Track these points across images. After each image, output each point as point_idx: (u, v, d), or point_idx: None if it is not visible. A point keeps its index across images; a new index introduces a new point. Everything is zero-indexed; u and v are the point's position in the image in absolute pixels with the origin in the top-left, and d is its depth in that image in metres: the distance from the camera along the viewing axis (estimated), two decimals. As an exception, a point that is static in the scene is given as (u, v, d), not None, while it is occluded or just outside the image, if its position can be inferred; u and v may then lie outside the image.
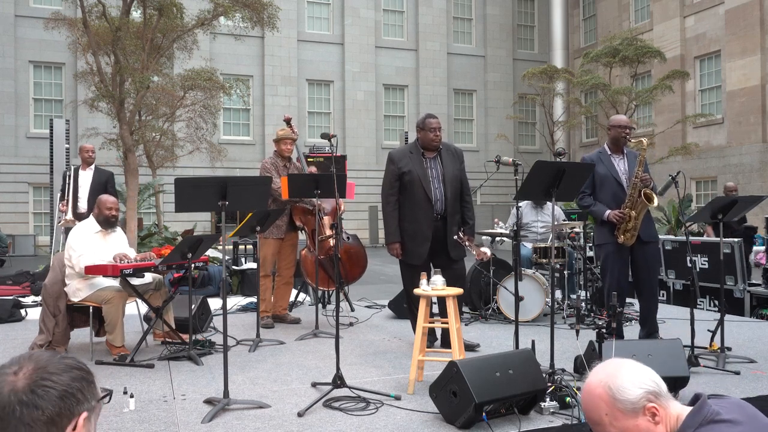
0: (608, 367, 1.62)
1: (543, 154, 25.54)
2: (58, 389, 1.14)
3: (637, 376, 1.56)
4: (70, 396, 1.15)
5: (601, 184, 5.01)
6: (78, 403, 1.17)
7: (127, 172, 11.55)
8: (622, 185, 4.96)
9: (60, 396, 1.14)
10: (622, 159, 5.07)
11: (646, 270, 5.01)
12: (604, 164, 5.02)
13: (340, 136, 18.16)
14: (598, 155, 5.11)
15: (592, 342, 4.08)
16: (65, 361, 1.19)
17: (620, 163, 5.06)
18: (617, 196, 4.95)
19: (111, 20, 11.00)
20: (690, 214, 14.83)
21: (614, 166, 5.04)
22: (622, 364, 1.62)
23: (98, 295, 4.81)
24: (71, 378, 1.17)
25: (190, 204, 3.90)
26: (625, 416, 1.54)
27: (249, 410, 3.61)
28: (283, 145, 6.27)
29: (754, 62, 19.77)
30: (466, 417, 3.26)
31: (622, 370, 1.59)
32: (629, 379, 1.56)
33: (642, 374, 1.57)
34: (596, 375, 1.62)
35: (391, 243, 4.96)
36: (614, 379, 1.57)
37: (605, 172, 5.00)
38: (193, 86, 14.10)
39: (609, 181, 4.99)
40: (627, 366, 1.60)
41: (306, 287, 7.60)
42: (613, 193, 4.97)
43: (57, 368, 1.17)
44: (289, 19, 23.66)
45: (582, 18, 28.10)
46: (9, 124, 21.35)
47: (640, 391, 1.54)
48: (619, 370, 1.59)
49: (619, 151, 5.09)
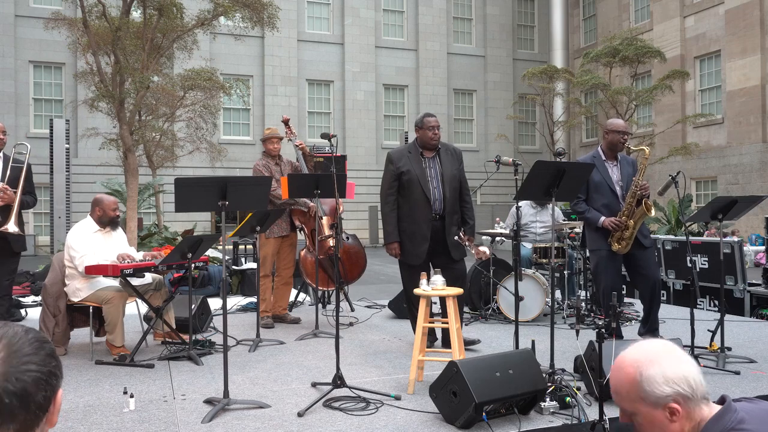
0: (650, 350, 1.53)
1: (543, 154, 25.54)
2: (43, 371, 1.10)
3: (674, 374, 1.48)
4: (52, 375, 1.12)
5: (596, 191, 4.91)
6: (57, 378, 1.14)
7: (127, 172, 11.55)
8: (616, 194, 4.87)
9: (43, 378, 1.10)
10: (615, 165, 4.96)
11: (649, 274, 4.90)
12: (599, 170, 4.90)
13: (340, 136, 18.16)
14: (593, 159, 4.97)
15: (592, 342, 4.07)
16: (32, 337, 1.14)
17: (614, 170, 4.94)
18: (610, 205, 4.85)
19: (111, 20, 11.00)
20: (690, 214, 14.83)
21: (608, 173, 4.93)
22: (665, 353, 1.52)
23: (98, 295, 4.81)
24: (46, 355, 1.13)
25: (190, 204, 3.90)
26: (644, 403, 1.49)
27: (249, 410, 3.61)
28: (270, 144, 6.24)
29: (754, 62, 19.78)
30: (466, 417, 3.26)
31: (661, 361, 1.50)
32: (664, 374, 1.48)
33: (680, 372, 1.48)
34: (634, 353, 1.54)
35: (389, 243, 4.96)
36: (649, 368, 1.49)
37: (600, 179, 4.89)
38: (193, 86, 14.09)
39: (603, 188, 4.89)
40: (669, 357, 1.51)
41: (306, 287, 7.60)
42: (607, 201, 4.87)
43: (31, 348, 1.11)
44: (289, 19, 23.67)
45: (582, 18, 28.11)
46: (9, 124, 21.33)
47: (669, 390, 1.46)
48: (659, 359, 1.50)
49: (613, 157, 4.98)
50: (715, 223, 8.08)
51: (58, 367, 1.15)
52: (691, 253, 5.17)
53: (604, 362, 3.29)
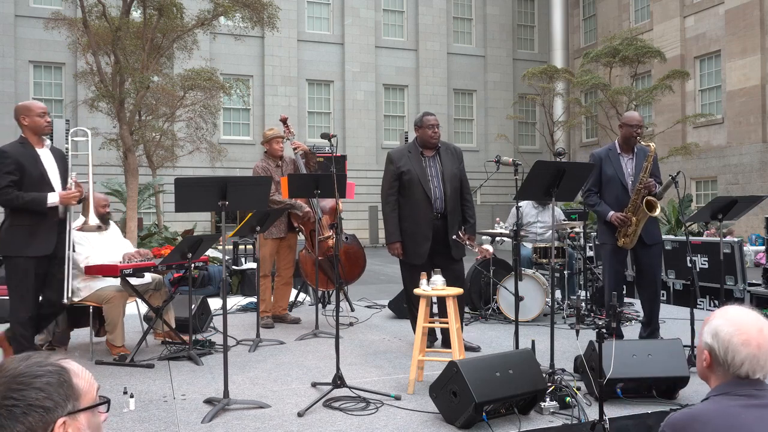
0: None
1: (543, 154, 25.54)
2: (21, 406, 1.09)
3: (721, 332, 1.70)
4: (37, 408, 1.09)
5: (607, 185, 4.96)
6: (48, 411, 1.11)
7: (127, 172, 11.55)
8: (626, 189, 4.89)
9: (24, 412, 1.08)
10: (631, 158, 4.97)
11: (650, 272, 4.95)
12: (612, 164, 4.94)
13: (340, 136, 18.15)
14: (607, 153, 5.02)
15: (592, 342, 4.07)
16: (33, 369, 1.13)
17: (628, 164, 4.96)
18: (620, 199, 4.88)
19: (111, 20, 11.01)
20: (690, 214, 14.83)
21: (622, 167, 4.95)
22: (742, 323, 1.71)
23: (98, 294, 4.81)
24: (39, 387, 1.11)
25: (190, 204, 3.90)
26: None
27: (249, 410, 3.61)
28: (275, 144, 6.21)
29: (754, 62, 19.78)
30: (466, 417, 3.26)
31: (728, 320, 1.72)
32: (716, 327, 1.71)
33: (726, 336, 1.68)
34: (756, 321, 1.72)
35: (391, 243, 4.95)
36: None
37: (612, 173, 4.93)
38: (193, 86, 14.10)
39: (615, 182, 4.92)
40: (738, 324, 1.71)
41: (306, 287, 7.60)
42: (616, 196, 4.90)
43: (23, 381, 1.10)
44: (289, 19, 23.67)
45: (582, 18, 28.10)
46: (9, 124, 21.30)
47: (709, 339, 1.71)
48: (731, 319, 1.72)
49: (629, 150, 4.99)
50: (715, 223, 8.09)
51: (51, 398, 1.11)
52: (691, 253, 5.16)
53: (604, 362, 3.29)
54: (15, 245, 4.08)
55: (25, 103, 4.30)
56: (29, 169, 4.08)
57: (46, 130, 4.22)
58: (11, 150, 4.11)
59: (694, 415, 1.63)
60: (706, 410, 1.63)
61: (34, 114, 4.17)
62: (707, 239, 8.20)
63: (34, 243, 4.09)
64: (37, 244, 4.10)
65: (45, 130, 4.21)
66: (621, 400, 3.66)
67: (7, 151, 4.07)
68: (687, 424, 1.61)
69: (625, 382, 3.64)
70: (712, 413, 1.61)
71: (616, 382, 3.60)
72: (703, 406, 1.66)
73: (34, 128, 4.19)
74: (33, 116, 4.17)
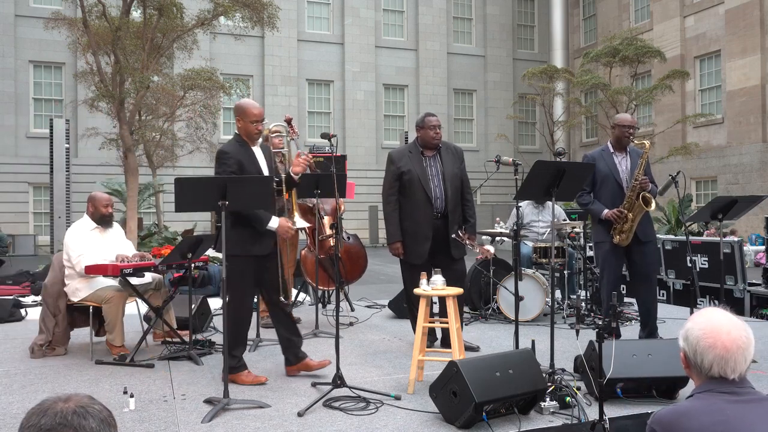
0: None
1: (543, 154, 25.53)
2: (100, 416, 1.30)
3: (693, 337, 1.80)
4: (107, 425, 1.30)
5: (602, 184, 4.99)
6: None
7: (127, 172, 11.56)
8: (621, 186, 4.93)
9: (101, 421, 1.29)
10: (624, 157, 5.02)
11: (645, 270, 4.98)
12: (606, 163, 4.98)
13: (340, 136, 18.15)
14: (601, 153, 5.07)
15: (592, 342, 4.07)
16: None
17: (622, 162, 5.01)
18: (616, 197, 4.92)
19: (111, 20, 11.02)
20: (690, 214, 14.83)
21: (616, 165, 4.99)
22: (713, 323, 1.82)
23: (98, 294, 4.81)
24: (106, 416, 1.32)
25: (190, 204, 3.90)
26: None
27: (249, 410, 3.61)
28: (276, 139, 6.21)
29: (754, 62, 19.77)
30: (466, 417, 3.26)
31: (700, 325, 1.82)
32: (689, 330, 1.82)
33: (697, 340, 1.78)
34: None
35: (392, 243, 4.96)
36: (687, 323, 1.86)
37: (607, 172, 4.97)
38: (193, 86, 14.10)
39: (609, 181, 4.96)
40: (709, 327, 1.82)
41: (306, 287, 7.59)
42: (611, 194, 4.94)
43: (95, 407, 1.31)
44: (289, 19, 23.66)
45: (582, 18, 28.10)
46: (9, 124, 21.35)
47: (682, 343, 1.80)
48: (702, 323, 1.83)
49: (622, 150, 5.05)
50: (715, 223, 8.09)
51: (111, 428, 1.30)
52: (691, 253, 5.18)
53: (604, 362, 3.29)
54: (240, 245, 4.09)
55: (244, 106, 4.25)
56: (248, 167, 4.16)
57: (255, 137, 4.25)
58: (232, 150, 4.18)
59: (681, 411, 1.67)
60: (691, 406, 1.68)
61: (248, 120, 4.18)
62: (707, 239, 8.20)
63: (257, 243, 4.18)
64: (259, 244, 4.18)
65: (254, 137, 4.25)
66: (621, 400, 3.67)
67: (228, 152, 4.14)
68: (674, 420, 1.65)
69: (625, 382, 3.65)
70: (698, 409, 1.66)
71: (616, 382, 3.60)
72: (689, 402, 1.70)
73: (246, 133, 4.23)
74: (246, 122, 4.20)
